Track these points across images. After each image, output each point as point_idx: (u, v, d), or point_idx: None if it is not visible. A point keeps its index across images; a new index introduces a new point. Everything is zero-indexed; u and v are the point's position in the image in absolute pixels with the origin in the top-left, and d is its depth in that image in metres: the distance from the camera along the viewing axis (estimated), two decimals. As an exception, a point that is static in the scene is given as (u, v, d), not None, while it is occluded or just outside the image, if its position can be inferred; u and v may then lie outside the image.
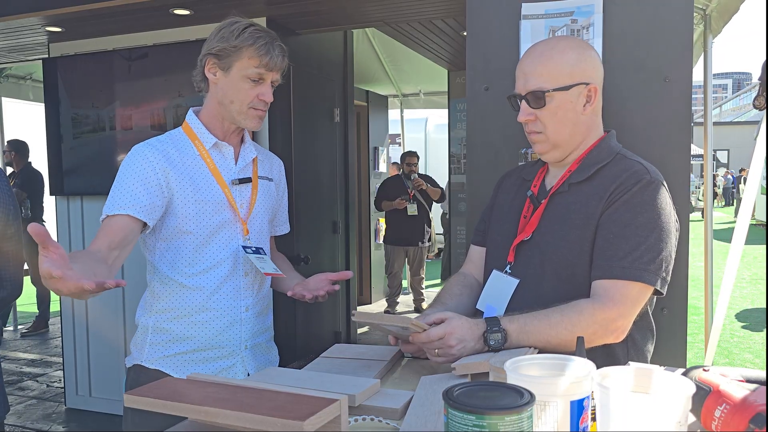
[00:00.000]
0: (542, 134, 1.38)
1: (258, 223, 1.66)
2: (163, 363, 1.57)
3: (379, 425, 0.99)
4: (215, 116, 1.60)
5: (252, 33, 1.52)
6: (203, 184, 1.55)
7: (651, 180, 1.31)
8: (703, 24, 3.65)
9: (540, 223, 1.39)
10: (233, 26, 1.53)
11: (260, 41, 1.52)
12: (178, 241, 1.54)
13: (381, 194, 6.56)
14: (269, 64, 1.53)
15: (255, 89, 1.55)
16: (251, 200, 1.64)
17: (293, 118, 3.77)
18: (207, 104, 1.62)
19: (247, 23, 1.54)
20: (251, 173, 1.66)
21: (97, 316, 3.88)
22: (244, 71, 1.53)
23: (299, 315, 3.90)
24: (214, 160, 1.59)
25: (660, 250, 1.27)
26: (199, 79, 1.61)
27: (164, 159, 1.52)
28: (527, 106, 1.37)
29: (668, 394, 0.79)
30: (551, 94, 1.34)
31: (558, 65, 1.34)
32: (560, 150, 1.41)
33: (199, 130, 1.60)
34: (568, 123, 1.36)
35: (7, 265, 1.80)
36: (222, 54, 1.53)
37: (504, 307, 1.39)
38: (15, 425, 3.87)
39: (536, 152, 1.44)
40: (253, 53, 1.51)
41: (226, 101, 1.56)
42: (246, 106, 1.56)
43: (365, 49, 5.85)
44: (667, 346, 1.67)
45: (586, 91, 1.36)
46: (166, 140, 1.58)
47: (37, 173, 5.86)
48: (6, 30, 3.86)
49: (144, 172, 1.49)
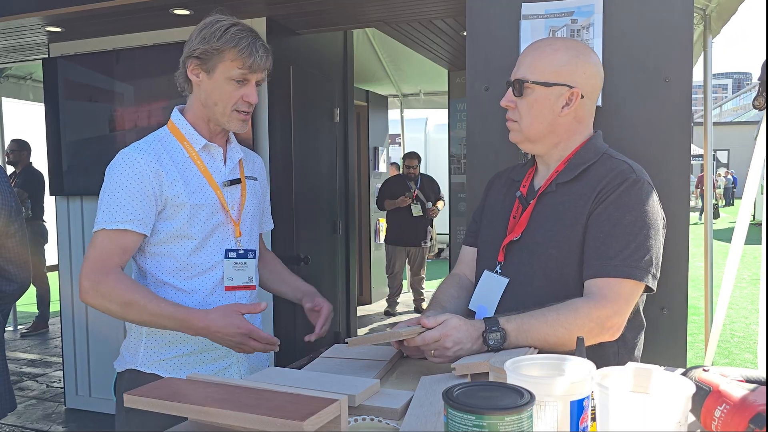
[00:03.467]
0: (517, 123, 1.42)
1: (248, 223, 1.65)
2: (158, 366, 1.55)
3: (378, 425, 0.99)
4: (200, 117, 1.58)
5: (234, 34, 1.49)
6: (196, 187, 1.54)
7: (637, 179, 1.32)
8: (703, 24, 3.65)
9: (529, 223, 1.40)
10: (214, 27, 1.50)
11: (243, 42, 1.48)
12: (173, 245, 1.53)
13: (383, 194, 6.55)
14: (253, 65, 1.50)
15: (239, 90, 1.52)
16: (241, 201, 1.63)
17: (293, 118, 3.77)
18: (192, 105, 1.59)
19: (229, 23, 1.51)
20: (239, 174, 1.65)
21: (97, 317, 3.88)
22: (227, 73, 1.50)
23: (299, 315, 3.89)
24: (205, 162, 1.57)
25: (649, 248, 1.29)
26: (182, 80, 1.58)
27: (157, 164, 1.50)
28: (511, 93, 1.42)
29: (668, 394, 0.79)
30: (531, 86, 1.37)
31: (546, 61, 1.37)
32: (533, 144, 1.43)
33: (187, 131, 1.57)
34: (542, 120, 1.38)
35: (12, 261, 1.83)
36: (204, 56, 1.50)
37: (495, 307, 1.40)
38: (15, 425, 3.87)
39: (510, 139, 1.47)
40: (236, 55, 1.48)
41: (209, 103, 1.54)
42: (230, 108, 1.53)
43: (365, 49, 5.85)
44: (667, 346, 1.67)
45: (568, 93, 1.37)
46: (155, 143, 1.55)
47: (38, 173, 5.86)
48: (6, 30, 3.87)
49: (139, 181, 1.47)
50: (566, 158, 1.41)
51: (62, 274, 4.06)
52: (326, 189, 4.38)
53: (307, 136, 3.98)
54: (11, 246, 1.84)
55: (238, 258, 1.60)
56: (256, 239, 1.71)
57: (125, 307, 1.43)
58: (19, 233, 1.86)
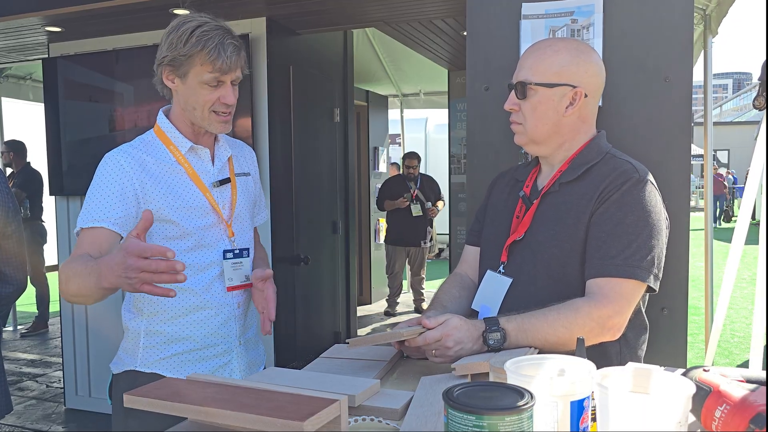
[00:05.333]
0: (522, 126, 1.42)
1: (241, 222, 1.65)
2: (159, 366, 1.55)
3: (378, 425, 0.99)
4: (183, 120, 1.57)
5: (200, 37, 1.45)
6: (183, 191, 1.53)
7: (640, 179, 1.32)
8: (703, 24, 3.65)
9: (532, 223, 1.40)
10: (180, 30, 1.47)
11: (210, 44, 1.44)
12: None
13: (383, 194, 6.55)
14: (222, 67, 1.46)
15: (215, 93, 1.50)
16: (232, 201, 1.63)
17: (293, 118, 3.77)
18: (174, 108, 1.59)
19: (194, 25, 1.47)
20: (228, 173, 1.65)
21: (97, 317, 3.88)
22: (199, 78, 1.47)
23: (299, 315, 3.90)
24: (192, 165, 1.56)
25: (651, 248, 1.28)
26: (160, 87, 1.57)
27: (139, 167, 1.49)
28: (514, 96, 1.41)
29: (668, 394, 0.79)
30: (534, 87, 1.37)
31: (549, 62, 1.37)
32: (538, 146, 1.43)
33: (172, 135, 1.57)
34: (547, 121, 1.38)
35: (9, 262, 1.82)
36: (174, 63, 1.48)
37: (498, 306, 1.40)
38: (14, 425, 3.87)
39: (515, 142, 1.46)
40: (204, 59, 1.45)
41: (188, 108, 1.53)
42: (207, 111, 1.51)
43: (365, 49, 5.85)
44: (667, 346, 1.67)
45: (571, 93, 1.37)
46: (140, 146, 1.54)
47: (36, 173, 5.86)
48: (6, 30, 3.87)
49: (120, 182, 1.46)
50: (570, 158, 1.41)
51: (62, 274, 4.05)
52: (326, 189, 4.39)
53: (307, 136, 3.98)
54: (8, 247, 1.84)
55: (235, 258, 1.60)
56: (250, 236, 1.71)
57: (68, 284, 1.34)
58: (17, 234, 1.85)
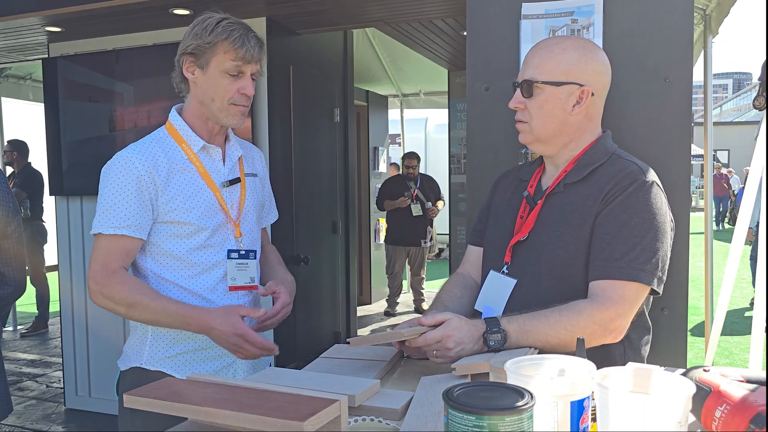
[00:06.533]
0: (527, 124, 1.41)
1: (248, 222, 1.65)
2: (164, 364, 1.56)
3: (379, 426, 0.99)
4: (199, 117, 1.58)
5: (225, 27, 1.49)
6: (194, 191, 1.54)
7: (646, 180, 1.31)
8: (703, 24, 3.65)
9: (536, 224, 1.39)
10: (206, 22, 1.51)
11: (234, 34, 1.49)
12: (171, 245, 1.53)
13: (383, 194, 6.55)
14: (246, 56, 1.50)
15: (235, 84, 1.52)
16: (241, 201, 1.63)
17: (293, 118, 3.77)
18: (189, 105, 1.60)
19: (219, 17, 1.52)
20: (239, 172, 1.66)
21: (97, 317, 3.88)
22: (221, 66, 1.51)
23: (299, 315, 3.90)
24: (204, 163, 1.57)
25: (656, 250, 1.27)
26: (178, 81, 1.58)
27: (153, 168, 1.50)
28: (520, 94, 1.40)
29: (668, 394, 0.79)
30: (541, 86, 1.36)
31: (555, 61, 1.36)
32: (544, 145, 1.42)
33: (185, 133, 1.57)
34: (554, 119, 1.37)
35: (8, 263, 1.82)
36: (197, 52, 1.51)
37: (502, 307, 1.39)
38: (14, 425, 3.87)
39: (520, 140, 1.45)
40: (228, 47, 1.49)
41: (207, 99, 1.54)
42: (227, 103, 1.53)
43: (365, 49, 5.85)
44: (667, 346, 1.67)
45: (578, 92, 1.36)
46: (152, 144, 1.55)
47: (36, 173, 5.86)
48: (6, 30, 3.87)
49: (136, 185, 1.48)
50: (575, 158, 1.40)
51: (62, 275, 4.06)
52: (326, 189, 4.38)
53: (307, 136, 3.98)
54: (8, 247, 1.83)
55: (240, 258, 1.60)
56: (258, 238, 1.71)
57: (130, 308, 1.48)
58: (16, 234, 1.84)
